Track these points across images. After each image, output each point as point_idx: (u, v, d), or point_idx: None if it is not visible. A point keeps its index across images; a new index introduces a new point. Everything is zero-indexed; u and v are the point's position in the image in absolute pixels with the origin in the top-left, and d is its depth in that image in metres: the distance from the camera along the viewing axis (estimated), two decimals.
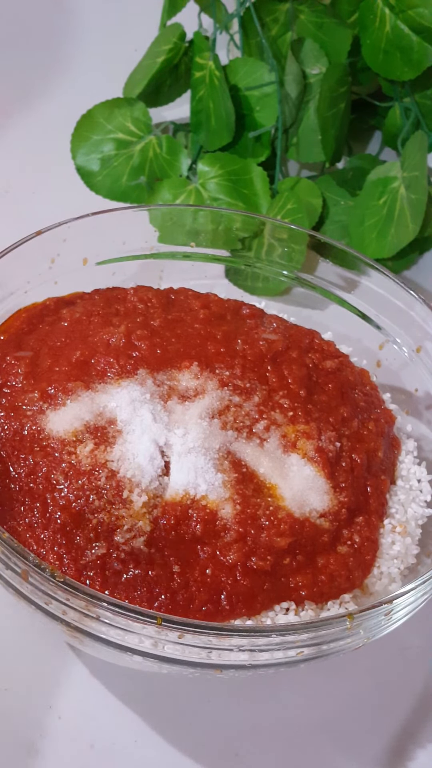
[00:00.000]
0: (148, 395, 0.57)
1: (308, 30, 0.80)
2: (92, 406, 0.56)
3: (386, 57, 0.77)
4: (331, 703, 0.59)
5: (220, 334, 0.61)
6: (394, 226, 0.75)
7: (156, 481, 0.54)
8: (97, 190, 0.80)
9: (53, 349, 0.60)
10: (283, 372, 0.60)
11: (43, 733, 0.56)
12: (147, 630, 0.48)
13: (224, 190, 0.78)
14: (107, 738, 0.57)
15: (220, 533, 0.53)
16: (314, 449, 0.57)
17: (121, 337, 0.59)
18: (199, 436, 0.55)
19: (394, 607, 0.51)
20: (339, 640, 0.51)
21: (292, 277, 0.70)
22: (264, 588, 0.53)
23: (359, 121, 0.88)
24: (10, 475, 0.54)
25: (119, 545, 0.52)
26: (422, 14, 0.75)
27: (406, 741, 0.58)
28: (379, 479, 0.59)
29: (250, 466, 0.55)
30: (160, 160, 0.81)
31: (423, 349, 0.65)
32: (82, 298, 0.64)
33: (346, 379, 0.62)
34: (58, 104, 0.89)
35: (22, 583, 0.50)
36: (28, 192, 0.83)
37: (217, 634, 0.49)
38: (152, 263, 0.70)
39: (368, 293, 0.67)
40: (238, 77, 0.80)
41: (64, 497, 0.53)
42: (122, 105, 0.81)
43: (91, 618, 0.49)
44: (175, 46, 0.82)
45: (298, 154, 0.81)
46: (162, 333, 0.61)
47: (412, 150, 0.76)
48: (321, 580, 0.54)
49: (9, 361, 0.59)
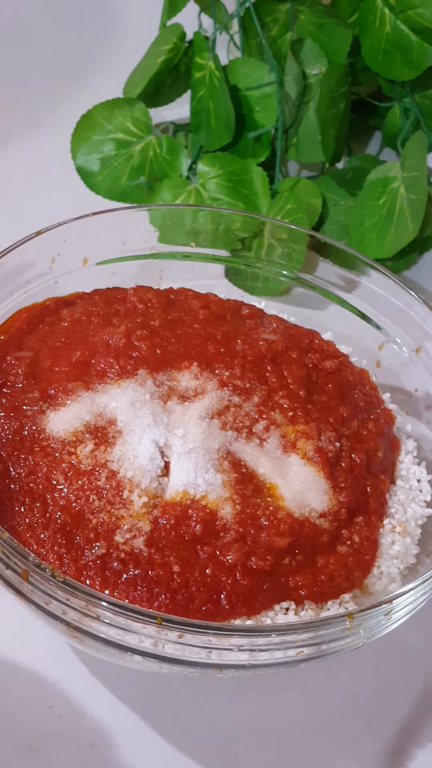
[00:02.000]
0: (148, 396, 0.57)
1: (308, 30, 0.80)
2: (92, 406, 0.56)
3: (386, 57, 0.77)
4: (331, 703, 0.59)
5: (219, 334, 0.61)
6: (394, 227, 0.75)
7: (156, 481, 0.54)
8: (97, 190, 0.81)
9: (53, 350, 0.60)
10: (283, 372, 0.60)
11: (43, 733, 0.56)
12: (147, 630, 0.48)
13: (224, 190, 0.79)
14: (107, 738, 0.57)
15: (220, 533, 0.53)
16: (314, 449, 0.57)
17: (121, 337, 0.59)
18: (198, 437, 0.55)
19: (393, 606, 0.51)
20: (339, 640, 0.51)
21: (291, 277, 0.70)
22: (264, 588, 0.53)
23: (359, 121, 0.88)
24: (10, 475, 0.54)
25: (119, 545, 0.52)
26: (422, 14, 0.75)
27: (406, 741, 0.58)
28: (379, 479, 0.59)
29: (249, 466, 0.55)
30: (160, 161, 0.81)
31: (423, 349, 0.65)
32: (82, 298, 0.64)
33: (346, 379, 0.62)
34: (58, 104, 0.89)
35: (22, 583, 0.50)
36: (28, 192, 0.83)
37: (216, 634, 0.49)
38: (152, 263, 0.70)
39: (368, 293, 0.67)
40: (238, 77, 0.80)
41: (64, 497, 0.53)
42: (122, 105, 0.81)
43: (91, 618, 0.49)
44: (175, 47, 0.82)
45: (298, 154, 0.82)
46: (162, 333, 0.61)
47: (411, 150, 0.76)
48: (321, 579, 0.54)
49: (9, 361, 0.59)
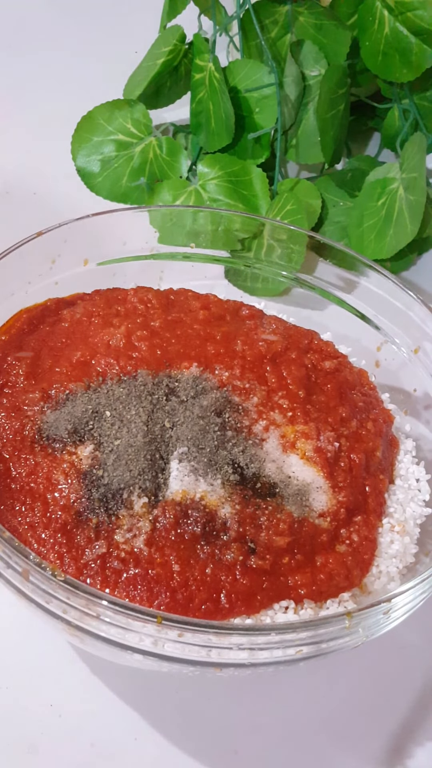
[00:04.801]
0: (148, 396, 0.57)
1: (307, 32, 0.81)
2: (92, 406, 0.56)
3: (385, 59, 0.77)
4: (330, 701, 0.59)
5: (219, 334, 0.61)
6: (393, 227, 0.75)
7: (156, 481, 0.54)
8: (98, 191, 0.81)
9: (54, 350, 0.60)
10: (282, 372, 0.60)
11: (44, 732, 0.56)
12: (147, 628, 0.49)
13: (224, 191, 0.79)
14: (107, 736, 0.57)
15: (220, 532, 0.53)
16: (313, 449, 0.57)
17: (121, 338, 0.59)
18: (198, 437, 0.55)
19: (392, 605, 0.52)
20: (338, 639, 0.51)
21: (291, 277, 0.70)
22: (263, 587, 0.53)
23: (358, 122, 0.88)
24: (11, 474, 0.55)
25: (119, 544, 0.52)
26: (421, 16, 0.75)
27: (405, 739, 0.58)
28: (378, 479, 0.59)
29: (249, 466, 0.55)
30: (160, 162, 0.81)
31: (421, 349, 0.65)
32: (82, 299, 0.64)
33: (345, 380, 0.62)
34: (58, 105, 0.90)
35: (23, 582, 0.50)
36: (29, 193, 0.83)
37: (216, 633, 0.49)
38: (152, 264, 0.70)
39: (367, 294, 0.68)
40: (237, 79, 0.80)
41: (65, 497, 0.53)
42: (122, 106, 0.81)
43: (91, 616, 0.49)
44: (175, 48, 0.82)
45: (297, 155, 0.82)
46: (162, 334, 0.61)
47: (410, 151, 0.76)
48: (320, 579, 0.54)
49: (10, 362, 0.59)
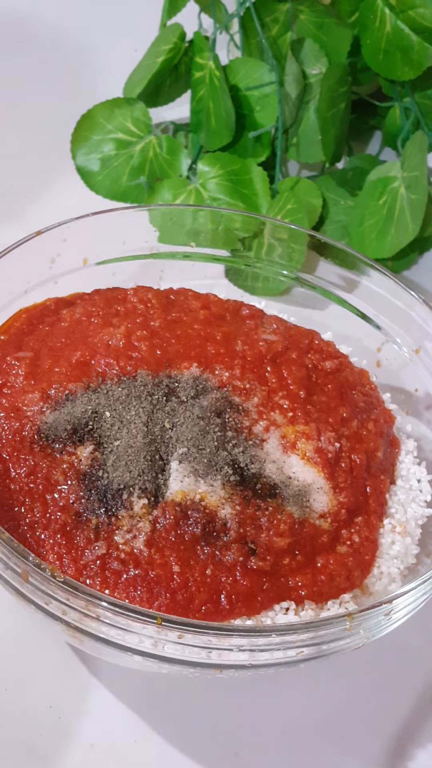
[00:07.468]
0: (148, 396, 0.57)
1: (308, 30, 0.80)
2: (92, 406, 0.56)
3: (386, 57, 0.77)
4: (331, 703, 0.59)
5: (219, 334, 0.61)
6: (394, 226, 0.75)
7: (156, 481, 0.54)
8: (97, 190, 0.81)
9: (53, 350, 0.60)
10: (283, 373, 0.60)
11: (43, 733, 0.56)
12: (147, 630, 0.48)
13: (224, 190, 0.79)
14: (107, 738, 0.57)
15: (220, 533, 0.53)
16: (314, 450, 0.57)
17: (121, 338, 0.59)
18: (198, 437, 0.55)
19: (393, 607, 0.51)
20: (339, 640, 0.51)
21: (292, 277, 0.70)
22: (264, 588, 0.53)
23: (359, 121, 0.88)
24: (10, 475, 0.54)
25: (119, 545, 0.52)
26: (422, 14, 0.75)
27: (406, 741, 0.58)
28: (379, 479, 0.59)
29: (249, 466, 0.55)
30: (160, 160, 0.81)
31: (423, 349, 0.65)
32: (82, 299, 0.64)
33: (346, 380, 0.62)
34: (58, 104, 0.89)
35: (22, 584, 0.50)
36: (28, 192, 0.83)
37: (216, 634, 0.49)
38: (152, 263, 0.70)
39: (368, 293, 0.67)
40: (238, 77, 0.80)
41: (64, 497, 0.53)
42: (122, 105, 0.81)
43: (91, 618, 0.49)
44: (175, 46, 0.82)
45: (298, 154, 0.82)
46: (162, 334, 0.61)
47: (412, 150, 0.76)
48: (321, 579, 0.54)
49: (9, 362, 0.59)
